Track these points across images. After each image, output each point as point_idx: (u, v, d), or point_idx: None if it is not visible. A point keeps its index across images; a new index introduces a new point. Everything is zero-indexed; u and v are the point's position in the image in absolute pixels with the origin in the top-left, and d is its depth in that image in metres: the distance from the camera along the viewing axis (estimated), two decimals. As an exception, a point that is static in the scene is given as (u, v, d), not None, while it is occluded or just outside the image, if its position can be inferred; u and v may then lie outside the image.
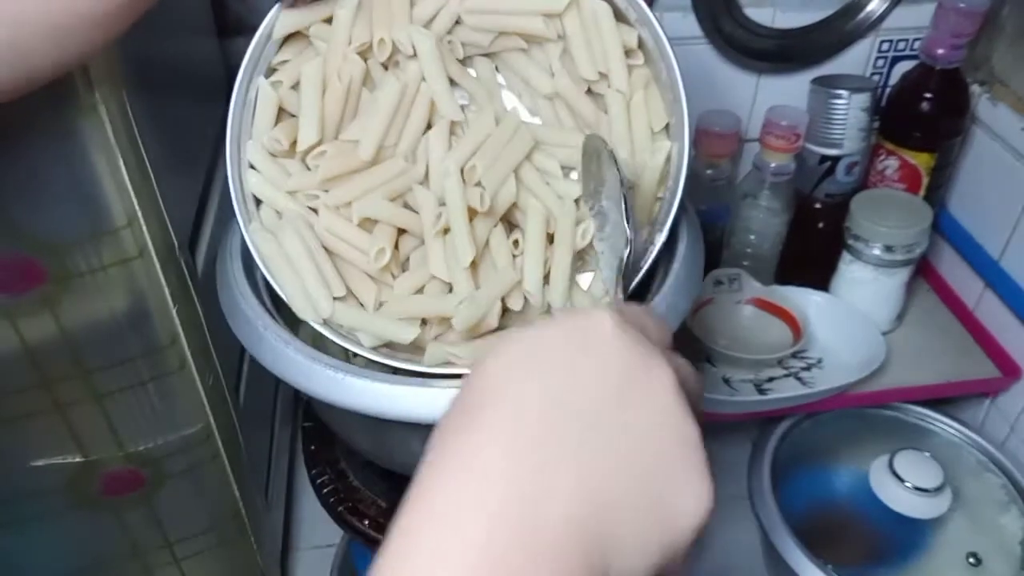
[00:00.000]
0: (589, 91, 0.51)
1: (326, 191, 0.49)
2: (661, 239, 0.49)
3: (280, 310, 0.50)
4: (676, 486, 0.26)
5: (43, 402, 0.50)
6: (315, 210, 0.50)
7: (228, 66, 0.50)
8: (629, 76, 0.50)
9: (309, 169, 0.50)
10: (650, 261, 0.50)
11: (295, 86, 0.50)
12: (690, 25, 0.79)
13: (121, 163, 0.44)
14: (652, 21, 0.49)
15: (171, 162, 0.51)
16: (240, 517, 0.63)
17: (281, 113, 0.51)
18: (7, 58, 0.33)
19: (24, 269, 0.45)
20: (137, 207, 0.46)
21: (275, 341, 0.47)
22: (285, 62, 0.50)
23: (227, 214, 0.56)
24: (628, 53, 0.50)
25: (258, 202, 0.51)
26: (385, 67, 0.51)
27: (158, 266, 0.48)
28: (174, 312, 0.50)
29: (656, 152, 0.50)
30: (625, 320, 0.28)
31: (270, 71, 0.50)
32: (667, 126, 0.51)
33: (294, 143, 0.50)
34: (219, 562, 0.64)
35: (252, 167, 0.50)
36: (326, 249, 0.49)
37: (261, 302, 0.50)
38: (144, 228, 0.47)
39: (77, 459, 0.53)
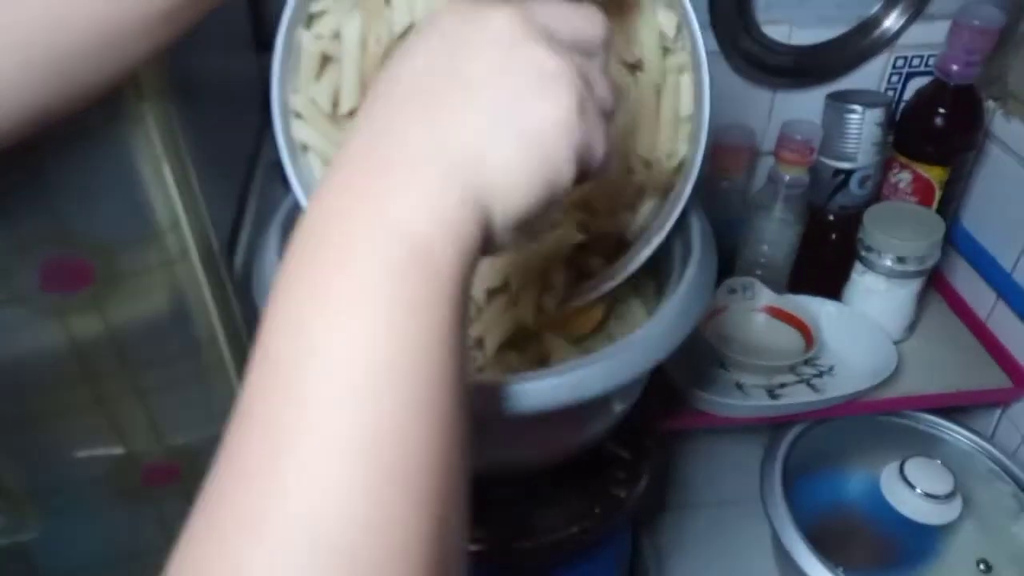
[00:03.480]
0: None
1: None
2: (659, 239, 0.52)
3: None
4: (529, 101, 0.28)
5: (88, 396, 0.52)
6: None
7: (264, 79, 0.52)
8: (664, 58, 0.51)
9: None
10: (641, 262, 0.52)
11: (336, 35, 0.50)
12: (707, 41, 0.80)
13: (165, 170, 0.47)
14: (696, 32, 0.50)
15: (211, 169, 0.53)
16: (269, 510, 0.65)
17: (324, 59, 0.51)
18: (54, 68, 0.34)
19: (75, 270, 0.48)
20: (180, 212, 0.49)
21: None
22: (324, 13, 0.51)
23: (264, 217, 0.59)
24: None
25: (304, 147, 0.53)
26: None
27: (199, 268, 0.51)
28: (213, 312, 0.53)
29: (670, 156, 0.52)
30: None
31: (309, 19, 0.51)
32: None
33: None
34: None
35: (298, 115, 0.52)
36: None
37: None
38: (186, 232, 0.49)
39: (119, 451, 0.55)
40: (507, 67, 0.28)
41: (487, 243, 0.28)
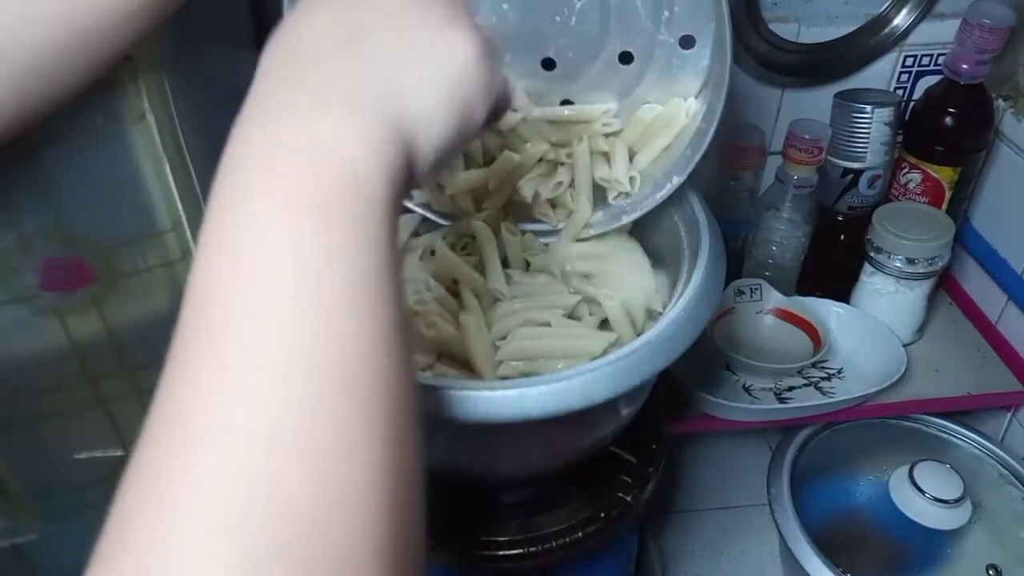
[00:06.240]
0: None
1: None
2: (679, 181, 0.55)
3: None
4: (441, 40, 0.29)
5: (88, 397, 0.52)
6: None
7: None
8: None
9: None
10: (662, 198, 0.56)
11: None
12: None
13: (167, 170, 0.47)
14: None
15: (213, 169, 0.52)
16: (271, 513, 0.64)
17: None
18: (28, 65, 0.34)
19: (74, 269, 0.47)
20: (181, 212, 0.48)
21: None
22: None
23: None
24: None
25: None
26: None
27: (200, 268, 0.50)
28: (213, 313, 0.52)
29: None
30: None
31: None
32: None
33: None
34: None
35: None
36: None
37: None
38: (187, 232, 0.49)
39: (118, 453, 0.55)
40: (408, 12, 0.29)
41: (410, 179, 0.28)
